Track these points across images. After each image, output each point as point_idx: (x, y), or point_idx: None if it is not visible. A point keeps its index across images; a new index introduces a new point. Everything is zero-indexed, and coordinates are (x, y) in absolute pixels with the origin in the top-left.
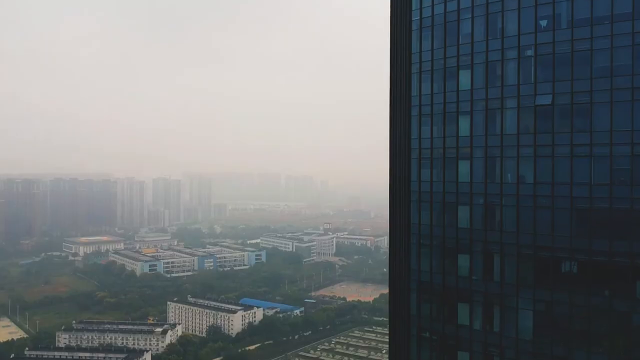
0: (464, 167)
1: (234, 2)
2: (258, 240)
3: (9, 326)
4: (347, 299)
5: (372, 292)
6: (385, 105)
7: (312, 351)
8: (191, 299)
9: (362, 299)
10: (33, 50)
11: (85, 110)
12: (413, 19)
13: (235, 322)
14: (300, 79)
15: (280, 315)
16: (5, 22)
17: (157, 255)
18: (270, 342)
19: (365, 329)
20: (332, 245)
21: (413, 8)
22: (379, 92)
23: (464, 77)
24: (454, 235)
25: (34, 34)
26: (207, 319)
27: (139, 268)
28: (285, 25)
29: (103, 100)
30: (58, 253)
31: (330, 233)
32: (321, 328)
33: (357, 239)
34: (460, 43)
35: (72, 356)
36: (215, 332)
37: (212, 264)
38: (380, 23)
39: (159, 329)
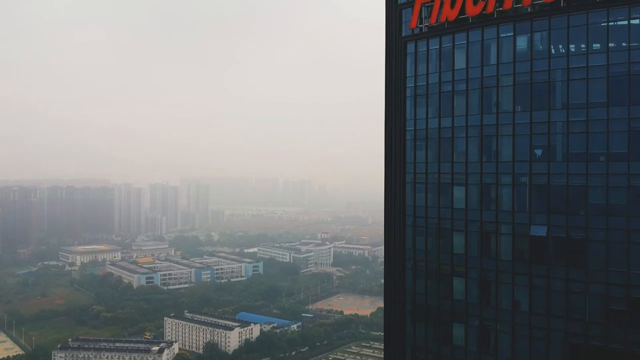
0: (458, 284)
1: (237, 9)
2: (255, 250)
3: (4, 342)
4: (345, 313)
5: (370, 305)
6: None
7: None
8: (188, 314)
9: (360, 313)
10: (33, 53)
11: (84, 114)
12: (407, 128)
13: (232, 339)
14: (300, 80)
15: (278, 330)
16: (5, 25)
17: (154, 267)
18: (267, 359)
19: (363, 344)
20: (329, 255)
21: (407, 118)
22: (379, 93)
23: (458, 194)
24: (449, 354)
25: (34, 37)
26: (204, 336)
27: (136, 280)
28: (285, 27)
29: (102, 103)
30: (55, 262)
31: (328, 243)
32: (318, 344)
33: (354, 248)
34: (454, 160)
35: None
36: (212, 349)
37: (209, 275)
38: (382, 24)
39: (156, 348)
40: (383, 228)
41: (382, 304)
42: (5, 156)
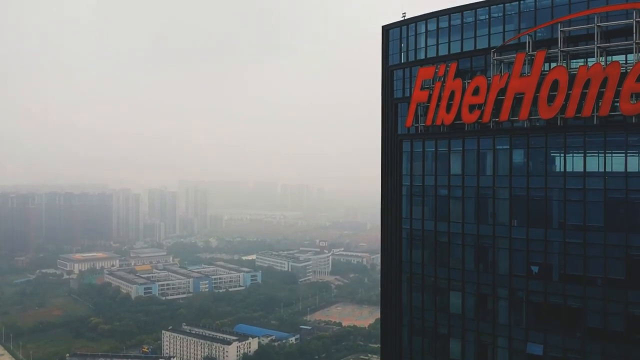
0: None
1: (241, 15)
2: (254, 257)
3: (2, 355)
4: (343, 324)
5: (368, 315)
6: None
7: None
8: (186, 327)
9: (358, 324)
10: (32, 55)
11: (84, 117)
12: (403, 226)
13: (230, 353)
14: (300, 82)
15: (276, 343)
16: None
17: (152, 276)
18: None
19: (361, 357)
20: (327, 263)
21: (403, 216)
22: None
23: (455, 300)
24: None
25: (34, 39)
26: (202, 350)
27: (134, 291)
28: (284, 30)
29: (101, 105)
30: (53, 271)
31: (326, 251)
32: (316, 357)
33: (353, 256)
34: (451, 266)
35: None
36: None
37: (207, 285)
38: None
39: None
40: (380, 242)
41: (379, 315)
42: (3, 160)
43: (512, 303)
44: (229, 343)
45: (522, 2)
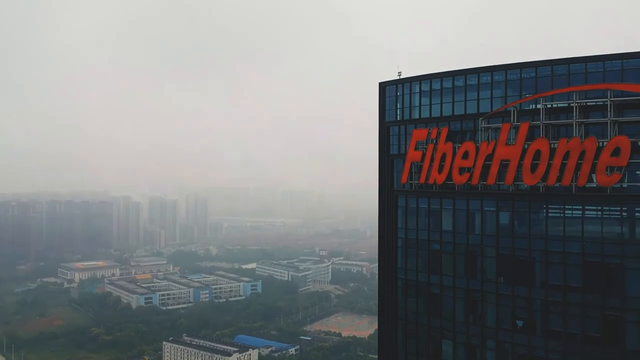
0: None
1: (245, 26)
2: (254, 266)
3: None
4: (343, 335)
5: (368, 325)
6: None
7: None
8: (186, 337)
9: (357, 334)
10: (32, 59)
11: (84, 122)
12: (399, 276)
13: None
14: (297, 80)
15: (276, 354)
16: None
17: (153, 286)
18: None
19: None
20: (327, 273)
21: (398, 266)
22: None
23: (447, 349)
24: None
25: (35, 40)
26: None
27: (135, 301)
28: (284, 40)
29: (100, 112)
30: (54, 279)
31: (326, 260)
32: None
33: (353, 265)
34: (442, 317)
35: None
36: None
37: (207, 295)
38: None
39: None
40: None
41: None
42: (3, 168)
43: (499, 354)
44: (229, 354)
45: (508, 71)
